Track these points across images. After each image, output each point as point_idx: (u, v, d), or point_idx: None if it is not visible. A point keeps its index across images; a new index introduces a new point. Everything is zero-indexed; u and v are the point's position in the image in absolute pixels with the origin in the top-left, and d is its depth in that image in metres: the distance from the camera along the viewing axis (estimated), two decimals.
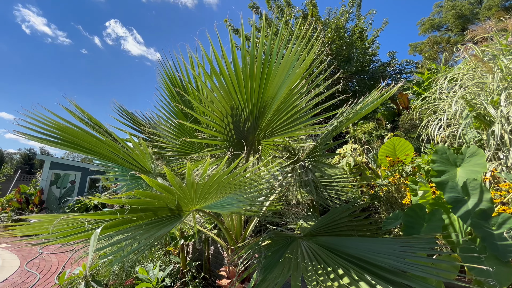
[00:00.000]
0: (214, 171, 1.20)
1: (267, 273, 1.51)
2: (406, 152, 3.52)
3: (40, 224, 1.18)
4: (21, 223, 1.15)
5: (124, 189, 2.21)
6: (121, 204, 1.07)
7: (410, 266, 1.23)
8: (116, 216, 1.05)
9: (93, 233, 0.87)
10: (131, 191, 1.02)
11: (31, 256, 6.03)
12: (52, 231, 1.04)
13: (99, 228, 0.91)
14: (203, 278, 3.93)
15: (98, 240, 1.37)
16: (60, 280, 3.18)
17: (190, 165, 1.10)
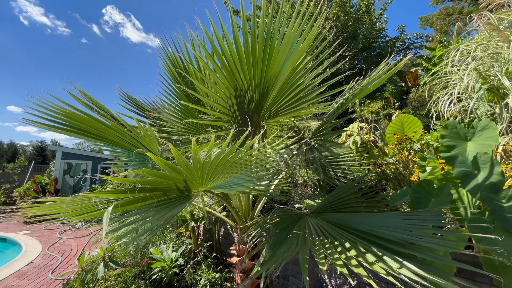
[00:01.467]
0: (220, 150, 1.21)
1: (276, 249, 1.55)
2: (415, 129, 3.45)
3: (55, 205, 1.23)
4: (38, 205, 1.20)
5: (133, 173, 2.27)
6: (130, 183, 1.10)
7: (418, 238, 1.24)
8: (126, 194, 1.08)
9: (105, 211, 0.91)
10: (139, 169, 1.04)
11: (52, 241, 6.36)
12: (66, 210, 1.08)
13: (111, 207, 0.94)
14: (214, 258, 4.08)
15: (111, 220, 1.42)
16: (80, 262, 3.36)
17: (195, 142, 1.11)
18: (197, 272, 3.48)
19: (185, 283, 3.40)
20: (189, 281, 3.38)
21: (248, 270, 2.45)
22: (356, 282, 2.70)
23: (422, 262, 1.13)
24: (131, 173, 0.96)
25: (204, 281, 3.27)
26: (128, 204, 1.17)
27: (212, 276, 3.33)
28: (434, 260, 1.11)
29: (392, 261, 1.10)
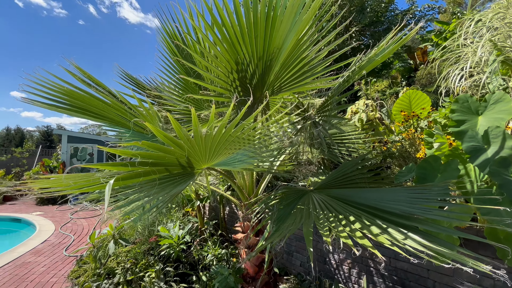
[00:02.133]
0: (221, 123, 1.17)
1: (280, 224, 1.56)
2: (423, 106, 3.35)
3: (59, 179, 1.24)
4: (42, 180, 1.21)
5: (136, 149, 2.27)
6: (130, 155, 1.08)
7: (422, 210, 1.23)
8: (127, 167, 1.07)
9: (107, 184, 0.91)
10: (139, 141, 1.02)
11: (64, 221, 6.60)
12: (67, 184, 1.09)
13: (112, 180, 0.94)
14: (220, 235, 4.20)
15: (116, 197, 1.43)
16: (91, 239, 3.48)
17: (194, 112, 1.07)
18: (203, 248, 3.60)
19: (193, 259, 3.53)
20: (196, 257, 3.50)
21: (253, 245, 2.51)
22: (360, 252, 2.76)
23: (427, 234, 1.12)
24: (130, 145, 0.94)
25: (211, 256, 3.38)
26: (130, 178, 1.16)
27: (218, 252, 3.44)
28: (439, 231, 1.10)
29: (397, 232, 1.09)
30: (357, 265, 2.77)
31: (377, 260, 2.61)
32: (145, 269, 3.18)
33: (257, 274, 2.52)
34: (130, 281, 3.10)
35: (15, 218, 7.22)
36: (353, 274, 2.80)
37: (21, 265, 4.01)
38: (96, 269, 3.41)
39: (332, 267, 3.00)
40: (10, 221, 7.24)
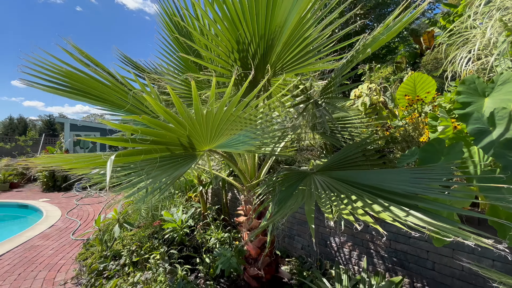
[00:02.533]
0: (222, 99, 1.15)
1: (281, 205, 1.57)
2: (428, 90, 3.28)
3: (62, 157, 1.24)
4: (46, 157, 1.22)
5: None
6: (130, 131, 1.08)
7: (425, 190, 1.22)
8: (128, 143, 1.07)
9: (108, 160, 0.90)
10: (139, 116, 1.01)
11: (69, 207, 6.74)
12: (70, 160, 1.09)
13: (113, 155, 0.93)
14: (223, 220, 4.27)
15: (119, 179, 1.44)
16: (97, 223, 3.56)
17: (194, 85, 1.05)
18: (206, 232, 3.67)
19: (196, 242, 3.61)
20: (199, 240, 3.57)
21: (255, 228, 2.55)
22: (362, 227, 2.80)
23: (429, 212, 1.12)
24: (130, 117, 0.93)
25: (214, 240, 3.45)
26: (131, 155, 1.16)
27: (221, 235, 3.51)
28: (441, 209, 1.10)
29: (399, 210, 1.09)
30: (357, 247, 2.82)
31: (377, 242, 2.64)
32: (149, 251, 3.26)
33: (259, 255, 2.58)
34: (135, 262, 3.19)
35: (22, 205, 7.38)
36: (354, 256, 2.85)
37: (30, 248, 4.13)
38: (103, 251, 3.51)
39: (333, 250, 3.05)
40: (18, 207, 7.40)
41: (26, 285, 3.07)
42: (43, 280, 3.19)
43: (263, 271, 2.49)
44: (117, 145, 1.10)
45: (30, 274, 3.33)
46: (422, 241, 2.32)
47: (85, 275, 3.16)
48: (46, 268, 3.47)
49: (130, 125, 1.05)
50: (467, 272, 2.07)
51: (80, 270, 3.33)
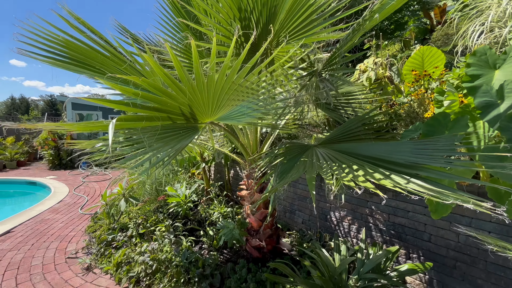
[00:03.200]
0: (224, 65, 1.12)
1: (283, 177, 1.59)
2: (436, 64, 3.17)
3: (70, 125, 1.24)
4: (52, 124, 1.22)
5: None
6: (130, 94, 1.06)
7: (427, 159, 1.22)
8: (129, 107, 1.06)
9: (110, 123, 0.91)
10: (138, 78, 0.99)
11: (76, 184, 6.91)
12: (74, 125, 1.10)
13: (115, 119, 0.93)
14: (225, 196, 4.37)
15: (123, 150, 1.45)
16: (103, 198, 3.66)
17: (195, 46, 1.02)
18: (210, 207, 3.77)
19: (200, 217, 3.73)
20: (203, 214, 3.69)
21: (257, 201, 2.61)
22: (362, 191, 2.86)
23: (430, 180, 1.12)
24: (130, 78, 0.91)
25: (217, 214, 3.56)
26: (132, 120, 1.16)
27: (224, 210, 3.61)
28: (443, 177, 1.11)
29: (400, 178, 1.10)
30: (356, 221, 2.89)
31: (376, 216, 2.71)
32: (155, 224, 3.39)
33: (261, 227, 2.67)
34: (142, 234, 3.32)
35: (31, 181, 7.58)
36: (353, 229, 2.93)
37: (41, 221, 4.31)
38: (110, 224, 3.64)
39: (333, 224, 3.14)
40: (26, 184, 7.61)
41: (40, 254, 3.24)
42: (56, 249, 3.35)
43: (264, 242, 2.59)
44: (119, 108, 1.10)
45: (42, 244, 3.49)
46: (420, 215, 2.37)
47: (95, 246, 3.31)
48: (58, 239, 3.63)
49: (131, 88, 1.04)
50: (462, 243, 2.14)
51: (89, 241, 3.48)
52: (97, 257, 3.08)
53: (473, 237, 2.06)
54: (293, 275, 2.11)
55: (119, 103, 1.08)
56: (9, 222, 4.21)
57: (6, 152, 9.70)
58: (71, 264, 3.01)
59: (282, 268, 2.16)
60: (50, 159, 9.34)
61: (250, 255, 2.71)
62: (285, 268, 2.15)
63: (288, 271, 2.14)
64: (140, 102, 1.08)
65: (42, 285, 2.62)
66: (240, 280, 2.41)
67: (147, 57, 0.97)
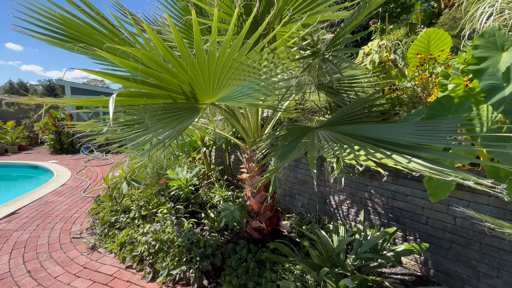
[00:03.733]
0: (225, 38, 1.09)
1: (284, 158, 1.59)
2: (442, 47, 3.10)
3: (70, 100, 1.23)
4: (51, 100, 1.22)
5: None
6: (129, 67, 1.04)
7: (429, 140, 1.22)
8: (129, 82, 1.05)
9: (110, 98, 0.90)
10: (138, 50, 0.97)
11: (78, 168, 6.97)
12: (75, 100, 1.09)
13: (115, 94, 0.92)
14: (226, 180, 4.42)
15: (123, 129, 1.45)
16: (105, 181, 3.70)
17: (195, 15, 0.99)
18: (211, 190, 3.82)
19: (201, 200, 3.78)
20: (204, 197, 3.74)
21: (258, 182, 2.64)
22: (361, 168, 2.90)
23: (431, 161, 1.13)
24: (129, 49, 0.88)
25: (218, 197, 3.61)
26: (132, 96, 1.15)
27: (225, 193, 3.66)
28: (445, 158, 1.11)
29: (401, 157, 1.10)
30: (355, 205, 2.94)
31: (375, 200, 2.74)
32: (157, 206, 3.45)
33: (261, 210, 2.71)
34: (144, 216, 3.39)
35: (33, 165, 7.65)
36: (351, 213, 2.98)
37: (45, 203, 4.38)
38: (113, 206, 3.71)
39: (332, 207, 3.19)
40: (29, 168, 7.68)
41: (45, 234, 3.32)
42: (60, 230, 3.43)
43: (264, 224, 2.64)
44: (119, 82, 1.08)
45: (47, 225, 3.57)
46: (418, 198, 2.40)
47: (99, 227, 3.39)
48: (62, 221, 3.71)
49: (130, 62, 1.01)
50: (459, 226, 2.18)
51: (93, 222, 3.56)
52: (101, 238, 3.16)
53: (470, 219, 2.10)
54: (292, 255, 2.17)
55: (119, 77, 1.06)
56: (13, 204, 4.29)
57: (7, 136, 9.72)
58: (76, 244, 3.09)
59: (282, 248, 2.21)
60: (51, 143, 9.37)
61: (251, 237, 2.78)
62: (284, 248, 2.21)
63: (288, 251, 2.19)
64: (141, 78, 1.06)
65: (49, 263, 2.71)
66: (240, 259, 2.48)
67: (147, 28, 0.94)
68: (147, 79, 1.09)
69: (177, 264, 2.45)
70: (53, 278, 2.47)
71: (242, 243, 2.66)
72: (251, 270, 2.33)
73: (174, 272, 2.37)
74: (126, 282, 2.40)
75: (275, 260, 2.30)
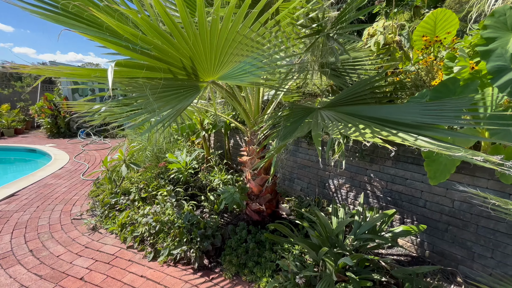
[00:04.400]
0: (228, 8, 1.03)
1: (287, 138, 1.57)
2: (449, 30, 3.01)
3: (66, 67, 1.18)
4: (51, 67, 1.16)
5: None
6: (130, 34, 0.99)
7: (436, 119, 1.20)
8: (129, 50, 1.00)
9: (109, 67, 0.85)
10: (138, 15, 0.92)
11: (76, 152, 6.93)
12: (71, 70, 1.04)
13: (113, 62, 0.88)
14: (225, 164, 4.42)
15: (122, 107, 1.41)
16: (104, 163, 3.68)
17: None
18: (210, 174, 3.83)
19: (201, 183, 3.80)
20: (204, 181, 3.75)
21: (258, 167, 2.63)
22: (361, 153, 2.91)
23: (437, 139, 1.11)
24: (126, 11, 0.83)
25: (218, 181, 3.62)
26: (133, 67, 1.10)
27: (225, 177, 3.67)
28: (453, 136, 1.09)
29: (407, 136, 1.08)
30: (354, 188, 2.96)
31: (374, 184, 2.76)
32: (156, 189, 3.45)
33: (261, 192, 2.73)
34: (144, 198, 3.40)
35: (30, 149, 7.59)
36: (350, 196, 3.01)
37: (44, 186, 4.38)
38: (112, 189, 3.71)
39: (331, 191, 3.22)
40: (26, 151, 7.63)
41: (46, 215, 3.34)
42: (61, 211, 3.45)
43: (264, 206, 2.66)
44: (117, 49, 1.02)
45: (47, 206, 3.59)
46: (418, 182, 2.42)
47: (99, 208, 3.40)
48: (62, 202, 3.72)
49: (129, 27, 0.96)
50: (456, 209, 2.21)
51: (93, 204, 3.58)
52: (101, 219, 3.18)
53: (468, 202, 2.12)
54: (292, 235, 2.20)
55: (118, 44, 1.01)
56: (12, 186, 4.29)
57: (3, 119, 9.57)
58: (77, 225, 3.12)
59: (282, 229, 2.24)
60: (48, 127, 9.26)
61: (250, 218, 2.81)
62: (284, 229, 2.23)
63: (287, 232, 2.22)
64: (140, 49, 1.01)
65: (50, 243, 2.74)
66: (240, 240, 2.52)
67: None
68: (147, 50, 1.04)
69: (177, 244, 2.48)
70: (55, 257, 2.50)
71: (242, 224, 2.69)
72: (251, 250, 2.37)
73: (175, 252, 2.41)
74: (128, 261, 2.44)
75: (275, 240, 2.34)
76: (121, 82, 1.35)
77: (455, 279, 2.16)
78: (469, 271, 2.15)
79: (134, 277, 2.22)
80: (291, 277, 1.85)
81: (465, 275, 2.16)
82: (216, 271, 2.31)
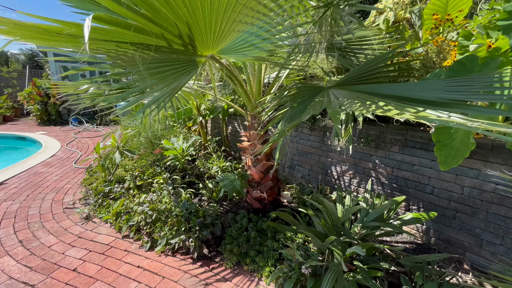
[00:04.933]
0: None
1: (295, 119, 1.43)
2: (461, 7, 2.83)
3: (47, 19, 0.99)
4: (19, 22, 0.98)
5: None
6: None
7: (465, 95, 1.06)
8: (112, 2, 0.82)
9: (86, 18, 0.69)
10: None
11: (68, 140, 6.70)
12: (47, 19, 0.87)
13: (91, 15, 0.72)
14: (223, 151, 4.28)
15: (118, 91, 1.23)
16: (96, 149, 3.51)
17: None
18: (208, 161, 3.69)
19: (198, 170, 3.67)
20: (201, 168, 3.62)
21: (259, 153, 2.50)
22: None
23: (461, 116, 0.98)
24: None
25: (216, 168, 3.49)
26: (117, 24, 0.93)
27: (223, 164, 3.54)
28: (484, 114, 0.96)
29: (437, 112, 0.95)
30: (358, 175, 2.86)
31: (379, 170, 2.66)
32: (152, 177, 3.32)
33: (262, 179, 2.61)
34: (139, 186, 3.27)
35: (20, 136, 7.33)
36: (353, 183, 2.92)
37: (35, 174, 4.21)
38: (106, 176, 3.57)
39: (333, 178, 3.12)
40: (16, 139, 7.36)
41: (36, 204, 3.19)
42: (52, 200, 3.31)
43: (265, 194, 2.56)
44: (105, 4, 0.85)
45: (38, 195, 3.44)
46: (426, 168, 2.32)
47: (92, 197, 3.27)
48: (53, 191, 3.57)
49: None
50: (466, 195, 2.12)
51: (86, 193, 3.44)
52: (95, 208, 3.05)
53: (478, 189, 2.04)
54: (295, 223, 2.10)
55: None
56: (1, 174, 4.10)
57: None
58: (69, 214, 2.99)
59: (284, 217, 2.14)
60: (38, 114, 8.93)
61: (251, 206, 2.71)
62: (287, 216, 2.14)
63: (290, 219, 2.13)
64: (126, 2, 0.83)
65: (41, 233, 2.61)
66: (241, 229, 2.43)
67: None
68: (136, 7, 0.87)
69: (175, 234, 2.38)
70: (47, 247, 2.38)
71: (242, 212, 2.60)
72: (252, 239, 2.28)
73: (173, 241, 2.31)
74: (124, 251, 2.34)
75: (278, 228, 2.25)
76: (108, 53, 1.17)
77: (461, 266, 2.11)
78: (476, 259, 2.10)
79: (130, 267, 2.12)
80: (296, 267, 1.77)
81: (472, 262, 2.11)
82: (216, 260, 2.22)
